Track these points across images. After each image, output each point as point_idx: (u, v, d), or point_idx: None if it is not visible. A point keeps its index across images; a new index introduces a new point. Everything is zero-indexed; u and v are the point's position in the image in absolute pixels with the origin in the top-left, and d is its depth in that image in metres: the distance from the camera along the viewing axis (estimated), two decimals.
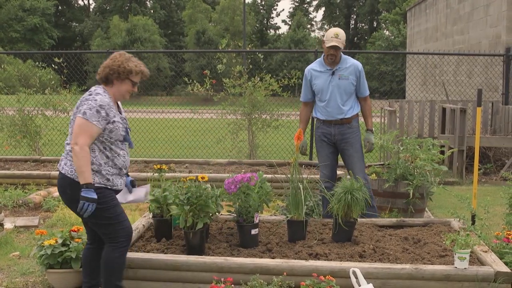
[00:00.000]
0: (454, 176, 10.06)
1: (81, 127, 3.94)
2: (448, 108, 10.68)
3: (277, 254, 4.64)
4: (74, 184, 3.97)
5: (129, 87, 4.26)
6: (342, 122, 6.13)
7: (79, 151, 3.88)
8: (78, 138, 3.91)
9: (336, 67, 6.12)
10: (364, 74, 6.20)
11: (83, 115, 3.95)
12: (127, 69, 4.19)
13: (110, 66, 4.18)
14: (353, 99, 6.19)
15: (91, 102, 3.99)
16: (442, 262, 4.42)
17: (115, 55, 4.26)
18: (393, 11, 50.58)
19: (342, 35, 6.03)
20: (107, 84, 4.20)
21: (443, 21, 17.38)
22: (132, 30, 51.11)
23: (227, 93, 11.15)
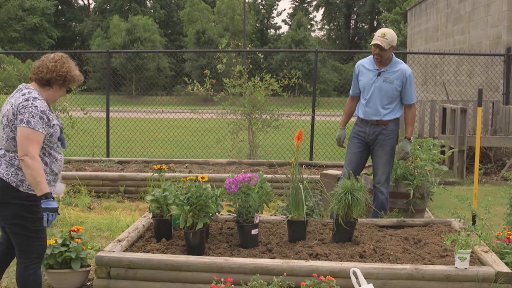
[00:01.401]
0: (455, 176, 10.06)
1: (28, 137, 3.76)
2: (449, 108, 10.68)
3: (277, 254, 4.63)
4: (8, 188, 3.82)
5: (64, 93, 4.13)
6: (377, 124, 6.10)
7: (32, 162, 3.74)
8: (27, 148, 3.74)
9: (383, 69, 6.07)
10: (412, 81, 6.10)
11: (27, 124, 3.76)
12: (73, 78, 4.07)
13: (57, 72, 3.99)
14: (395, 104, 6.11)
15: (32, 110, 3.80)
16: (442, 262, 4.41)
17: (62, 60, 4.07)
18: (393, 11, 50.58)
19: (390, 35, 5.96)
20: (44, 86, 4.00)
21: (444, 20, 17.37)
22: (132, 29, 51.11)
23: (227, 93, 11.15)
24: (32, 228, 3.88)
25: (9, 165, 3.85)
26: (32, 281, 3.96)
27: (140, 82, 42.65)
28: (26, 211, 3.86)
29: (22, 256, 3.93)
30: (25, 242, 3.91)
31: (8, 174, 3.84)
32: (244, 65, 11.31)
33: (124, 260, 4.36)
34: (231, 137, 11.45)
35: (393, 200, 6.45)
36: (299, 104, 11.98)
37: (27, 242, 3.91)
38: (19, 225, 3.87)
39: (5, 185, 3.82)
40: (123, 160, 10.43)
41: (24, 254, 3.93)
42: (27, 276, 3.94)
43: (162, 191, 5.07)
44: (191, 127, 15.15)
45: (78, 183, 8.40)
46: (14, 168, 3.85)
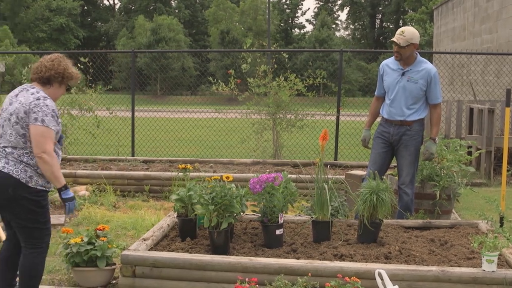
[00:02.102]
0: (482, 177, 9.94)
1: (43, 134, 3.95)
2: (476, 108, 10.55)
3: (302, 255, 4.61)
4: (19, 184, 3.95)
5: (64, 90, 4.34)
6: (402, 124, 6.05)
7: (50, 159, 3.96)
8: (44, 146, 3.93)
9: (408, 68, 6.02)
10: (437, 81, 6.03)
11: (42, 122, 3.95)
12: (71, 75, 4.25)
13: (55, 69, 4.17)
14: (420, 104, 6.06)
15: (44, 109, 3.99)
16: (469, 265, 4.36)
17: (58, 59, 4.26)
18: (419, 10, 50.14)
19: (408, 32, 5.91)
20: (45, 84, 4.18)
21: (471, 20, 17.17)
22: (157, 29, 51.42)
23: (252, 92, 11.15)
24: (42, 220, 4.08)
25: (18, 162, 3.97)
26: (40, 269, 4.15)
27: (165, 81, 42.88)
28: (36, 206, 4.03)
29: (33, 247, 4.08)
30: (36, 234, 4.08)
31: (18, 171, 3.96)
32: (268, 65, 11.30)
33: (149, 259, 4.38)
34: (256, 137, 11.45)
35: (419, 201, 6.39)
36: (323, 104, 11.92)
37: (38, 233, 4.09)
38: (30, 219, 4.03)
39: (16, 182, 3.94)
40: (148, 160, 10.49)
41: (34, 245, 4.08)
42: (36, 265, 4.11)
43: (187, 191, 5.08)
44: (215, 126, 15.19)
45: (104, 182, 8.46)
46: (23, 165, 3.98)
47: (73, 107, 11.52)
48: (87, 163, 10.14)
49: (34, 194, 4.00)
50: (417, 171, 6.21)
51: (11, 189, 3.95)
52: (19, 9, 61.15)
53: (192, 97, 31.11)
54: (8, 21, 59.40)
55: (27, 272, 4.11)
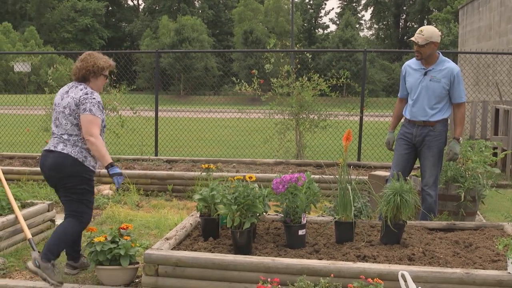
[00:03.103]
0: (508, 179, 9.83)
1: (91, 121, 4.69)
2: (502, 109, 10.43)
3: (324, 255, 4.60)
4: (76, 162, 4.71)
5: (103, 80, 5.03)
6: (424, 124, 6.01)
7: (96, 140, 4.67)
8: (91, 130, 4.67)
9: (430, 68, 5.99)
10: (461, 80, 5.96)
11: (90, 111, 4.69)
12: (100, 67, 4.94)
13: (85, 67, 4.88)
14: (443, 103, 6.00)
15: (92, 100, 4.74)
16: (494, 267, 4.30)
17: (85, 57, 4.94)
18: (444, 10, 49.75)
19: (427, 31, 5.88)
20: (84, 81, 4.92)
21: (497, 19, 16.97)
22: (180, 30, 51.69)
23: (275, 93, 11.14)
24: (86, 197, 4.85)
25: (74, 146, 4.75)
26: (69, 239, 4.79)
27: (188, 81, 43.08)
28: (87, 184, 4.82)
29: (73, 217, 4.79)
30: (79, 208, 4.81)
31: (75, 152, 4.74)
32: (292, 65, 11.29)
33: (172, 258, 4.40)
34: (279, 137, 11.44)
35: (443, 203, 6.34)
36: (347, 105, 11.88)
37: (81, 208, 4.82)
38: (79, 193, 4.78)
39: (74, 160, 4.71)
40: (171, 159, 10.54)
41: (75, 216, 4.80)
42: (68, 233, 4.74)
43: (210, 190, 5.09)
44: (238, 126, 15.21)
45: (127, 182, 8.52)
46: (78, 147, 4.75)
47: None
48: None
49: (87, 172, 4.77)
50: (440, 172, 6.16)
51: (69, 166, 4.70)
52: (45, 10, 61.93)
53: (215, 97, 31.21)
54: (34, 22, 60.20)
55: (58, 235, 4.72)
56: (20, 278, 4.94)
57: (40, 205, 6.19)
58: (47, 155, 4.83)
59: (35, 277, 4.92)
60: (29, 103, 18.13)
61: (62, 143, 4.76)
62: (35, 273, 4.58)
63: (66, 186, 4.75)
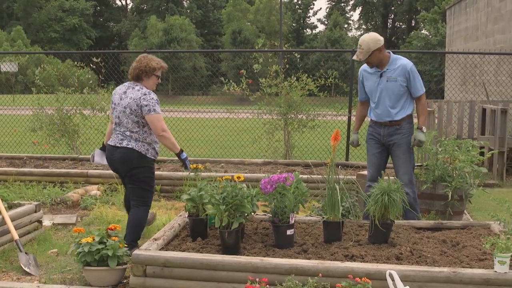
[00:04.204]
0: (494, 178, 9.88)
1: (158, 119, 5.36)
2: (489, 108, 10.49)
3: (313, 255, 4.61)
4: (140, 156, 5.36)
5: (155, 80, 5.56)
6: (391, 124, 6.09)
7: (168, 134, 5.43)
8: (162, 127, 5.38)
9: (384, 69, 6.05)
10: (415, 74, 6.02)
11: (154, 111, 5.32)
12: (152, 67, 5.47)
13: (139, 68, 5.46)
14: (404, 100, 6.06)
15: (152, 101, 5.33)
16: (481, 266, 4.33)
17: (140, 58, 5.53)
18: (431, 10, 49.93)
19: (364, 43, 5.94)
20: (138, 80, 5.49)
21: (484, 20, 17.07)
22: (169, 30, 51.53)
23: (263, 92, 11.13)
24: (151, 184, 5.51)
25: (136, 141, 5.36)
26: (143, 222, 5.51)
27: (176, 81, 42.96)
28: (150, 173, 5.48)
29: (140, 204, 5.45)
30: (145, 194, 5.46)
31: (139, 146, 5.36)
32: (280, 65, 11.29)
33: (160, 258, 4.39)
34: (267, 137, 11.43)
35: (430, 202, 6.37)
36: (335, 104, 11.89)
37: (146, 194, 5.47)
38: (144, 182, 5.43)
39: (139, 154, 5.35)
40: (159, 159, 10.49)
41: (142, 203, 5.45)
42: (141, 218, 5.43)
43: (198, 191, 5.09)
44: (226, 126, 15.19)
45: (115, 182, 8.48)
46: (140, 142, 5.36)
47: (85, 107, 11.58)
48: None
49: (150, 162, 5.43)
50: (413, 169, 6.20)
51: (135, 159, 5.35)
52: (32, 10, 61.57)
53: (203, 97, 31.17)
54: (21, 22, 59.83)
55: (134, 223, 5.42)
56: (7, 280, 4.91)
57: (27, 206, 6.15)
58: (113, 150, 5.45)
59: (22, 278, 4.90)
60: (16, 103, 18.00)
61: (126, 139, 5.37)
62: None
63: (133, 176, 5.40)
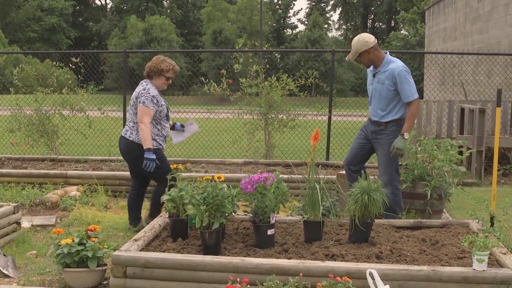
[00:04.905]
0: (473, 177, 9.97)
1: (143, 111, 5.97)
2: (467, 108, 10.59)
3: (294, 255, 4.62)
4: (140, 147, 6.01)
5: (164, 80, 6.29)
6: (377, 124, 6.20)
7: (144, 127, 5.94)
8: (142, 118, 5.95)
9: (378, 70, 6.15)
10: (404, 79, 5.99)
11: (143, 104, 5.98)
12: (160, 68, 6.22)
13: (150, 67, 6.26)
14: (393, 104, 6.10)
15: (146, 95, 6.01)
16: (460, 264, 4.37)
17: (153, 59, 6.29)
18: (411, 10, 50.29)
19: (353, 45, 6.15)
20: (149, 78, 6.27)
21: (462, 20, 17.24)
22: (149, 29, 51.31)
23: (244, 92, 11.13)
24: (161, 165, 6.11)
25: (137, 132, 6.05)
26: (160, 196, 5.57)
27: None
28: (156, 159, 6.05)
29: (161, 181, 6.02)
30: (160, 174, 6.01)
31: (138, 139, 6.06)
32: (260, 65, 11.29)
33: (140, 259, 4.37)
34: (248, 137, 11.44)
35: (410, 201, 6.41)
36: (315, 104, 11.92)
37: (162, 173, 5.96)
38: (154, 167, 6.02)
39: (138, 145, 6.05)
40: None
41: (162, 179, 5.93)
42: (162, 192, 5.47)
43: (179, 191, 5.07)
44: (207, 126, 15.16)
45: (95, 183, 8.44)
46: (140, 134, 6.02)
47: (65, 107, 11.49)
48: (78, 163, 10.11)
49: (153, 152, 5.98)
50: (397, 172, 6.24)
51: (135, 151, 6.06)
52: (10, 9, 60.91)
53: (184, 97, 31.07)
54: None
55: (156, 197, 6.15)
56: None
57: (5, 208, 6.08)
58: (120, 140, 6.28)
59: (0, 281, 4.85)
60: None
61: (129, 130, 6.14)
62: None
63: (137, 165, 6.11)
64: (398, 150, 5.97)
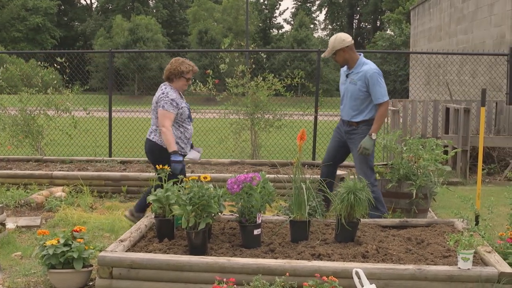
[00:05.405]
0: (458, 176, 10.04)
1: (164, 115, 5.94)
2: (452, 108, 10.66)
3: (280, 255, 4.62)
4: (162, 149, 6.02)
5: (184, 82, 6.19)
6: (349, 124, 6.32)
7: (166, 131, 5.92)
8: (163, 122, 5.93)
9: (351, 71, 6.27)
10: (376, 81, 6.10)
11: (163, 108, 5.95)
12: (180, 70, 6.12)
13: (169, 70, 6.16)
14: (365, 105, 6.21)
15: (166, 99, 5.98)
16: (445, 263, 4.40)
17: (172, 61, 6.20)
18: (396, 10, 50.45)
19: (330, 42, 6.35)
20: (169, 81, 6.18)
21: (447, 20, 17.35)
22: (134, 29, 51.06)
23: (230, 92, 11.13)
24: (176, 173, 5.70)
25: (160, 135, 6.03)
26: None
27: (142, 82, 42.66)
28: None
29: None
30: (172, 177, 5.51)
31: (161, 141, 6.06)
32: (246, 65, 11.29)
33: (126, 260, 4.35)
34: (234, 137, 11.43)
35: (396, 200, 6.44)
36: (301, 104, 11.95)
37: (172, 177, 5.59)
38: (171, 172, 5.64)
39: (160, 147, 6.06)
40: (125, 160, 10.42)
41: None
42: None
43: (165, 191, 5.06)
44: (193, 126, 15.10)
45: (81, 183, 8.39)
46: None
47: (50, 107, 11.42)
48: (63, 164, 10.05)
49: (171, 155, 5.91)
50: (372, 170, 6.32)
51: (157, 152, 6.09)
52: None
53: None
54: None
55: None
56: None
57: None
58: (145, 142, 6.28)
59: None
60: None
61: (153, 133, 6.14)
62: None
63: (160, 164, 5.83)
64: (365, 150, 6.10)
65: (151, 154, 6.23)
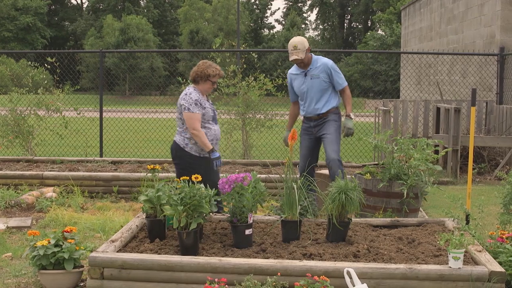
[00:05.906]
0: (449, 175, 10.07)
1: (191, 117, 5.86)
2: (443, 107, 10.69)
3: (271, 255, 4.62)
4: (178, 147, 5.98)
5: (210, 85, 6.12)
6: (319, 117, 6.67)
7: (198, 133, 5.83)
8: (193, 125, 5.84)
9: (308, 69, 6.66)
10: (336, 70, 6.67)
11: (188, 110, 5.87)
12: (207, 74, 6.05)
13: (196, 72, 6.10)
14: (328, 95, 6.67)
15: (189, 100, 5.90)
16: (436, 262, 4.41)
17: (200, 64, 6.16)
18: (387, 11, 50.65)
19: (300, 44, 6.56)
20: (194, 83, 6.12)
21: (438, 20, 17.41)
22: (125, 29, 50.92)
23: (221, 92, 11.12)
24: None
25: (180, 135, 6.03)
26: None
27: (133, 82, 42.61)
28: (189, 165, 5.85)
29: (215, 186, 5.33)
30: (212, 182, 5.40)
31: (179, 140, 6.01)
32: (238, 65, 11.29)
33: (117, 260, 4.34)
34: (225, 137, 11.43)
35: (387, 200, 6.45)
36: None
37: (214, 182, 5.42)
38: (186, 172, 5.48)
39: (177, 146, 6.01)
40: (116, 160, 10.40)
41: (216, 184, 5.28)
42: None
43: (156, 191, 5.05)
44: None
45: (71, 184, 8.37)
46: (182, 137, 5.99)
47: (40, 107, 11.38)
48: (54, 164, 10.01)
49: (188, 157, 5.93)
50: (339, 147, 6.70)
51: (175, 150, 6.05)
52: None
53: (161, 97, 30.92)
54: None
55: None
56: None
57: None
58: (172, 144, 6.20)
59: None
60: None
61: (178, 135, 6.08)
62: None
63: (175, 165, 6.13)
64: (349, 130, 6.67)
65: (171, 152, 6.20)
